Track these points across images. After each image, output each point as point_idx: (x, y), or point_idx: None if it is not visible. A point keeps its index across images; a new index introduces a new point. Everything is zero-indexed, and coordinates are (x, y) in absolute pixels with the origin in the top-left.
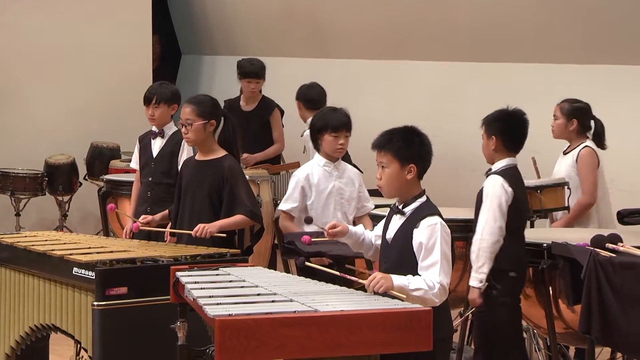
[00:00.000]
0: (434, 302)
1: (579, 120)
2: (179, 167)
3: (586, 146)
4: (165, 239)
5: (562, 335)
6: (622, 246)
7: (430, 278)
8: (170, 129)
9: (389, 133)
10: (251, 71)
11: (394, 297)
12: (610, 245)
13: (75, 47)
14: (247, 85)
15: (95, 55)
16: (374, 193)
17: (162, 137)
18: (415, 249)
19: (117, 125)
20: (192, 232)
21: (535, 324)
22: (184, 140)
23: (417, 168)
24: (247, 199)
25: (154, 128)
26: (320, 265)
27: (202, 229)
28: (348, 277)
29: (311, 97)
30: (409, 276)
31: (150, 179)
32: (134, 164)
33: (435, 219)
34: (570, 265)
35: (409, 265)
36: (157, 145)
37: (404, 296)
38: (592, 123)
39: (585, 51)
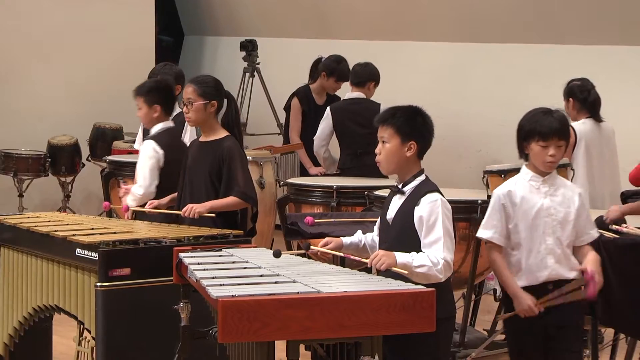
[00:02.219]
0: (438, 278)
1: (573, 98)
2: None
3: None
4: None
5: None
6: (625, 227)
7: (434, 254)
8: (174, 110)
9: (392, 109)
10: (347, 75)
11: (397, 273)
12: (614, 227)
13: (77, 26)
14: (336, 86)
15: (97, 35)
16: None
17: None
18: (416, 226)
19: (119, 106)
20: (181, 212)
21: None
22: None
23: (417, 146)
24: (242, 181)
25: None
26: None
27: (191, 209)
28: (350, 256)
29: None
30: (413, 253)
31: None
32: (137, 145)
33: (436, 195)
34: None
35: (409, 245)
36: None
37: (407, 272)
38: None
39: (587, 32)
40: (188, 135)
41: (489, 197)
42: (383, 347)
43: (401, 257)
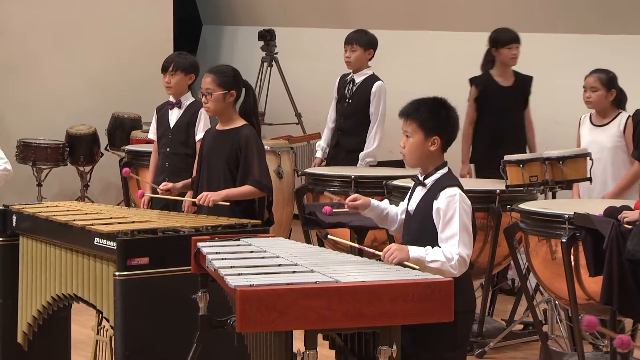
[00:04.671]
0: (452, 273)
1: (617, 90)
2: (196, 137)
3: (629, 116)
4: (184, 209)
5: (584, 306)
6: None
7: (449, 250)
8: (188, 99)
9: (416, 102)
10: (512, 37)
11: (408, 267)
12: (626, 226)
13: (95, 16)
14: (509, 52)
15: (115, 25)
16: (396, 164)
17: (180, 107)
18: (434, 219)
19: (138, 96)
20: (196, 200)
21: (557, 295)
22: (201, 110)
23: (440, 140)
24: (258, 170)
25: (171, 98)
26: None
27: (205, 197)
28: (365, 248)
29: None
30: (428, 248)
31: (167, 150)
32: (152, 134)
33: (455, 190)
34: (592, 237)
35: (429, 237)
36: (174, 115)
37: (418, 267)
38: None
39: (607, 21)
40: (202, 125)
41: (507, 187)
42: (404, 337)
43: (415, 251)
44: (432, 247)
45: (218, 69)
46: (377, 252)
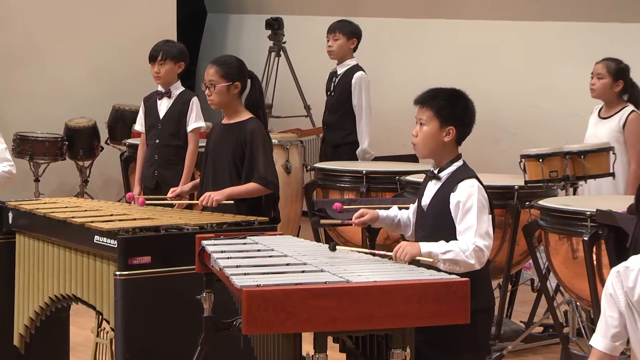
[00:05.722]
0: (468, 263)
1: (624, 81)
2: (188, 128)
3: (633, 111)
4: (174, 205)
5: None
6: None
7: (464, 241)
8: (178, 88)
9: (433, 90)
10: None
11: (421, 263)
12: None
13: (96, 6)
14: None
15: (117, 15)
16: (409, 158)
17: (169, 97)
18: (452, 212)
19: (139, 87)
20: (199, 201)
21: (578, 296)
22: (192, 100)
23: (456, 131)
24: (264, 166)
25: (159, 88)
26: (333, 222)
27: (208, 197)
28: (376, 252)
29: None
30: (441, 242)
31: (157, 141)
32: (139, 126)
33: (473, 181)
34: (615, 234)
35: (446, 232)
36: (163, 106)
37: (431, 260)
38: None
39: (624, 10)
40: (194, 115)
41: (526, 182)
42: (418, 339)
43: (426, 246)
44: (447, 242)
45: (221, 59)
46: (388, 253)
